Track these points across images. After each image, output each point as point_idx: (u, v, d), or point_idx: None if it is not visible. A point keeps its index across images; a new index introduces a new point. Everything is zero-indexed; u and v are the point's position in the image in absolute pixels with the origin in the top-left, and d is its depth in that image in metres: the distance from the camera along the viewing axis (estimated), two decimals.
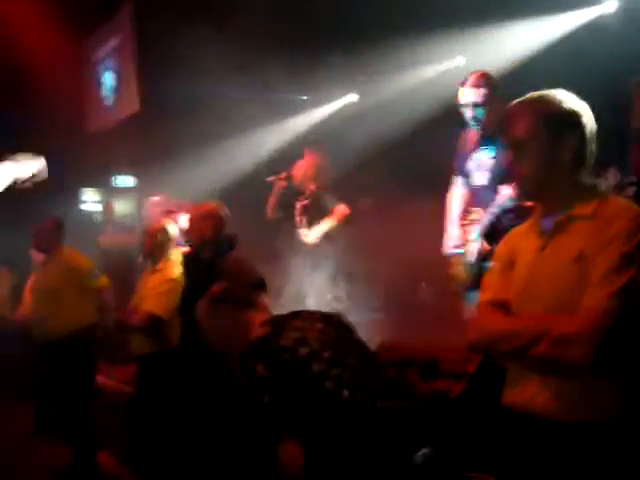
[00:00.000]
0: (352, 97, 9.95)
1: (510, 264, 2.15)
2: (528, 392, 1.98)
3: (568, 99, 2.08)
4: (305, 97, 10.36)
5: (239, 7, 8.12)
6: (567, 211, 2.03)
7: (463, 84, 4.20)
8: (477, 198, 4.20)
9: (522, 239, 2.16)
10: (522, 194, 2.18)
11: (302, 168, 6.01)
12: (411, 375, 3.30)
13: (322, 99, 10.03)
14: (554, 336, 1.87)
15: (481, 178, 4.15)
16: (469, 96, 4.15)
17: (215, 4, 8.16)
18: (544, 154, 2.04)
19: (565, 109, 2.05)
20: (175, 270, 4.45)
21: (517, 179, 2.12)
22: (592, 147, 2.07)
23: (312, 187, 5.94)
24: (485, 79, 4.15)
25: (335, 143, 8.19)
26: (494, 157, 4.06)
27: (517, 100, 2.12)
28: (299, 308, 2.37)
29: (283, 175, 6.08)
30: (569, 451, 1.89)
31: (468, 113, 4.18)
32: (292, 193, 6.05)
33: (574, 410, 1.90)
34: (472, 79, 4.17)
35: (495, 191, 3.95)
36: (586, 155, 2.07)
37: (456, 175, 4.39)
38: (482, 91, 4.11)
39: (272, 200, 6.12)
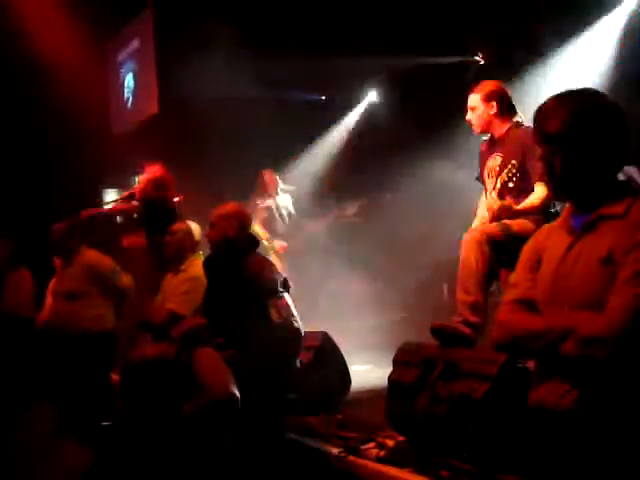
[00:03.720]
0: (372, 96, 9.92)
1: (537, 262, 2.13)
2: (555, 392, 1.95)
3: (603, 96, 2.07)
4: (323, 97, 10.36)
5: (258, 6, 8.16)
6: (598, 210, 2.00)
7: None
8: None
9: (550, 237, 2.14)
10: (554, 191, 2.14)
11: (141, 184, 5.98)
12: (432, 376, 3.27)
13: (341, 99, 10.03)
14: (581, 335, 1.86)
15: (491, 184, 4.09)
16: (469, 100, 4.15)
17: (234, 4, 8.19)
18: (577, 151, 2.02)
19: (600, 106, 2.04)
20: (198, 269, 4.46)
21: (549, 176, 2.09)
22: (625, 145, 2.04)
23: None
24: (483, 87, 4.11)
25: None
26: (499, 164, 4.00)
27: (552, 95, 2.10)
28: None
29: (126, 194, 6.08)
30: (600, 449, 1.86)
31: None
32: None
33: (604, 411, 1.87)
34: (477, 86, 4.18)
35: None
36: (619, 154, 2.05)
37: (479, 182, 4.33)
38: (475, 96, 4.08)
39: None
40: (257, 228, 6.52)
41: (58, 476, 4.42)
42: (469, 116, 4.12)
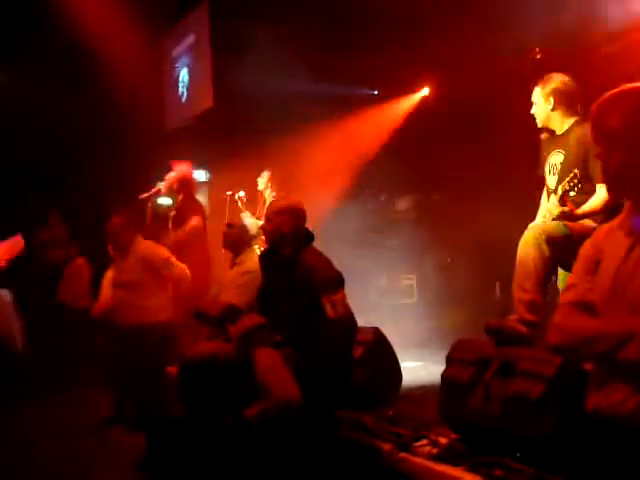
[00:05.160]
0: (424, 91, 9.86)
1: (595, 263, 2.08)
2: (615, 397, 1.91)
3: None
4: (376, 92, 10.34)
5: (309, 2, 8.17)
6: None
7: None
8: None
9: (609, 238, 2.09)
10: (612, 190, 2.10)
11: (168, 182, 6.57)
12: (487, 375, 3.26)
13: (393, 93, 9.98)
14: None
15: (552, 182, 4.06)
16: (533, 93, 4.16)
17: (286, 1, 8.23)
18: (636, 147, 1.97)
19: None
20: (253, 263, 4.51)
21: (608, 173, 2.05)
22: None
23: (179, 198, 6.58)
24: (545, 81, 4.10)
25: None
26: (562, 163, 3.96)
27: (610, 91, 2.05)
28: None
29: (154, 191, 6.66)
30: None
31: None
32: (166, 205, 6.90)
33: None
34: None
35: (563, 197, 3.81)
36: None
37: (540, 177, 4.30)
38: (537, 90, 4.10)
39: (148, 212, 6.76)
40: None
41: (112, 463, 4.53)
42: (533, 109, 4.13)
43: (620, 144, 1.98)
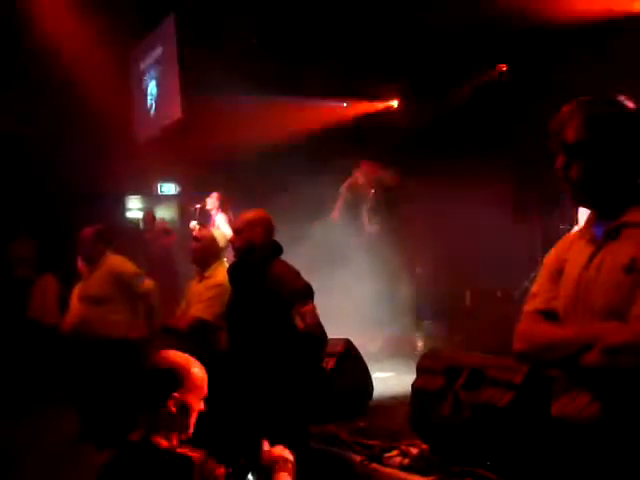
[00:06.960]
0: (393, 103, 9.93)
1: (559, 272, 2.10)
2: (578, 403, 1.93)
3: (622, 102, 2.03)
4: (344, 103, 10.37)
5: (277, 14, 8.19)
6: (620, 217, 1.97)
7: None
8: None
9: (571, 246, 2.11)
10: (573, 199, 2.13)
11: (361, 178, 7.43)
12: (457, 384, 3.27)
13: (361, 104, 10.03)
14: (604, 345, 1.83)
15: None
16: None
17: (254, 12, 8.24)
18: (595, 158, 1.99)
19: (618, 112, 2.01)
20: (222, 276, 4.48)
21: (568, 184, 2.07)
22: None
23: (372, 192, 7.39)
24: None
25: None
26: None
27: (569, 103, 2.07)
28: None
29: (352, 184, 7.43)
30: (623, 464, 1.84)
31: None
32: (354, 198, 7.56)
33: (628, 422, 1.84)
34: None
35: None
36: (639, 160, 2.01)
37: None
38: None
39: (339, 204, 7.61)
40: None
41: None
42: None
43: (579, 156, 2.00)
